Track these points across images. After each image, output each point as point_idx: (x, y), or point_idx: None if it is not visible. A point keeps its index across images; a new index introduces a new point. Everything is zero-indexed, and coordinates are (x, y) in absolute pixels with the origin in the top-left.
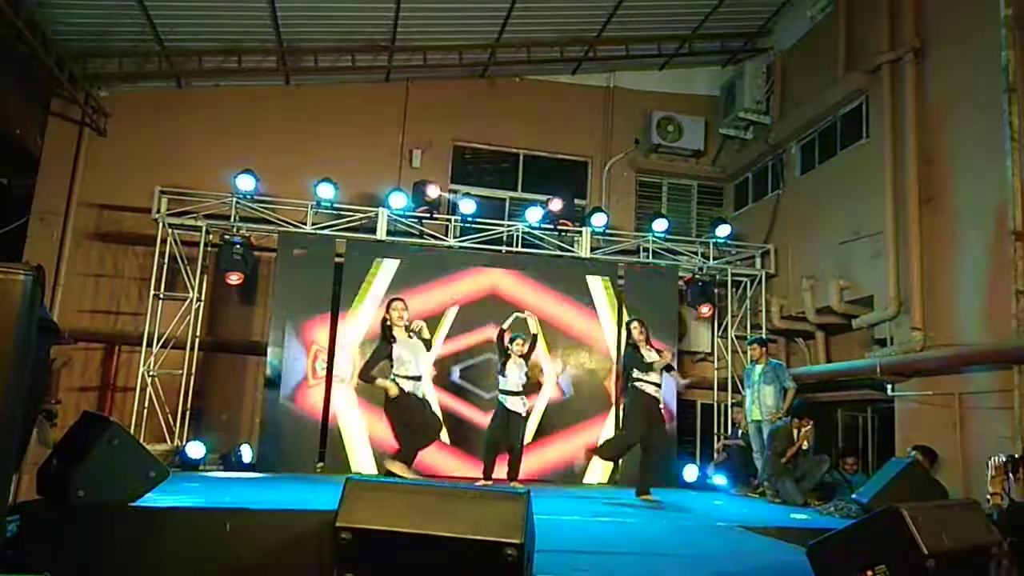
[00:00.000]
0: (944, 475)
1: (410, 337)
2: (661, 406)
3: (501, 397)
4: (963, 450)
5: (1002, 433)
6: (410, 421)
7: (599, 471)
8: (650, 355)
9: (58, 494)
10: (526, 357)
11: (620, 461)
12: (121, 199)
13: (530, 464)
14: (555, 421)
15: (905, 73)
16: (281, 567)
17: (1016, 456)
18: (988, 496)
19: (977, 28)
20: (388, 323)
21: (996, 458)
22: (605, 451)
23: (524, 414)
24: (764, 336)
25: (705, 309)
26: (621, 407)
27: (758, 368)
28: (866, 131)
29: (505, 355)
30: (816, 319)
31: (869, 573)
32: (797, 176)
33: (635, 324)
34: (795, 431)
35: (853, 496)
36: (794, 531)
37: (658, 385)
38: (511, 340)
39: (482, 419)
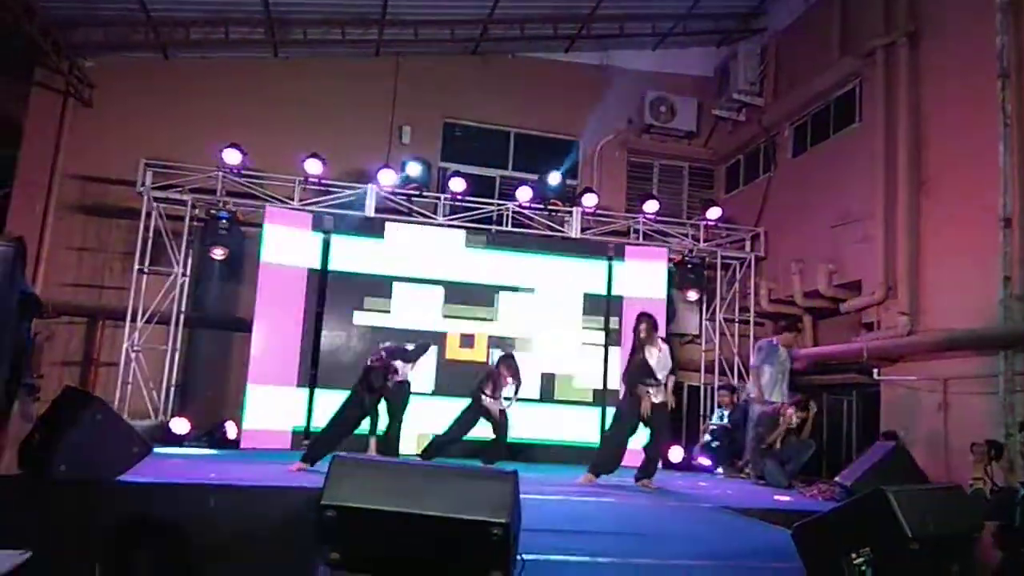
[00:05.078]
0: (928, 459)
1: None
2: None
3: None
4: (947, 435)
5: (986, 418)
6: None
7: None
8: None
9: (40, 468)
10: None
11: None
12: (106, 171)
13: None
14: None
15: (899, 57)
16: (265, 544)
17: (999, 441)
18: (971, 480)
19: (972, 13)
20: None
21: (979, 443)
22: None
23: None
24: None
25: (692, 293)
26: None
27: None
28: (859, 115)
29: None
30: (804, 302)
31: (854, 555)
32: (789, 159)
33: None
34: (780, 418)
35: (836, 479)
36: (777, 513)
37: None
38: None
39: None
